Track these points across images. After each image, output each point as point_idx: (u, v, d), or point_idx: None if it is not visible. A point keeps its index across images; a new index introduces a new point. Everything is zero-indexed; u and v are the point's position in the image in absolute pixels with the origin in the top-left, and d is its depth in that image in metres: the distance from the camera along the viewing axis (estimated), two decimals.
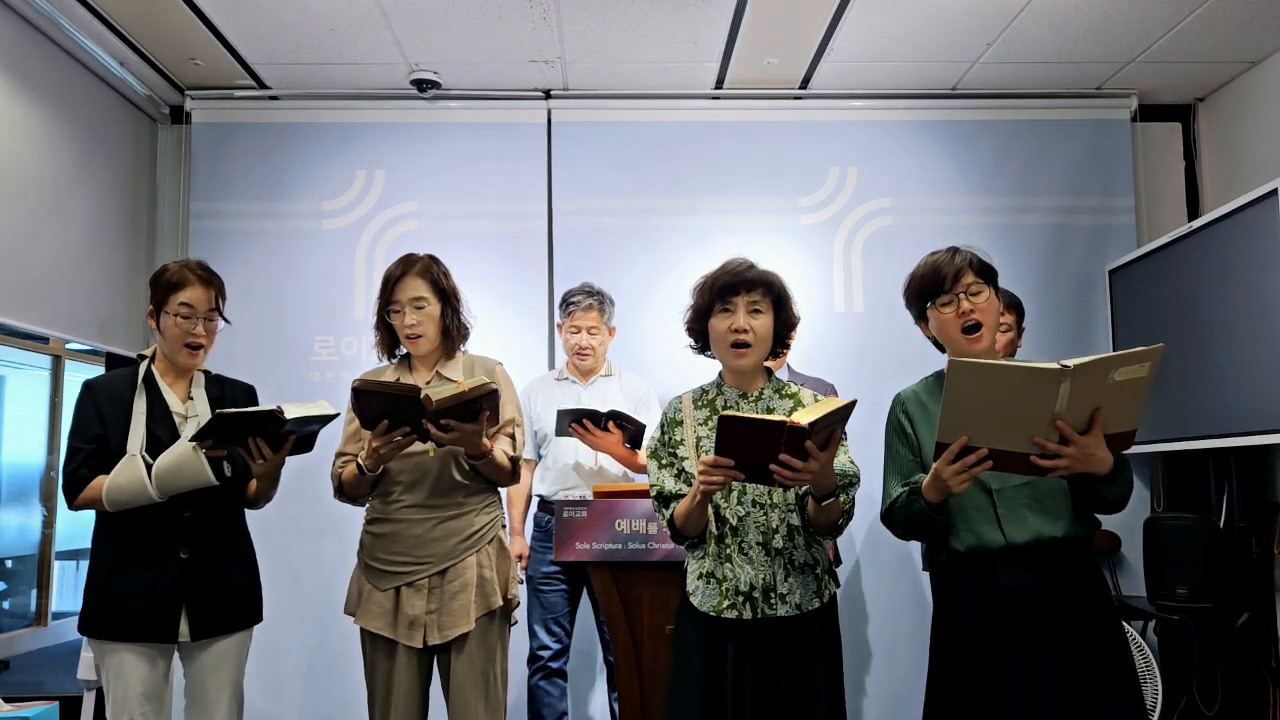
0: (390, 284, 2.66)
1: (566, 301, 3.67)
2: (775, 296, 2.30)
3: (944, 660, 2.15)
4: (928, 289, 2.19)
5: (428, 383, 2.65)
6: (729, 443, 1.98)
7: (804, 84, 4.44)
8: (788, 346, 2.39)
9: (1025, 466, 1.93)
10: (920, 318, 2.26)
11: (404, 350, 2.73)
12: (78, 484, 2.51)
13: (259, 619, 2.69)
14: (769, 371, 2.38)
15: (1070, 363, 1.81)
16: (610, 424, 3.33)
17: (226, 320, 2.67)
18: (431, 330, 2.65)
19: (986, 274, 2.19)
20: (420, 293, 2.64)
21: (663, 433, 2.34)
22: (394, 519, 2.60)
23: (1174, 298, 3.95)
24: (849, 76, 4.35)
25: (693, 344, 2.38)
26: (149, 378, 2.60)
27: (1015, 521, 2.08)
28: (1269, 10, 3.72)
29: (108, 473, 2.48)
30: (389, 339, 2.72)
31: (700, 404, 2.33)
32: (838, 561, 3.48)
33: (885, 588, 4.22)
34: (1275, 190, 3.39)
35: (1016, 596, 2.06)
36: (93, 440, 2.52)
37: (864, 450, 4.01)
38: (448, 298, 2.69)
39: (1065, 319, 4.34)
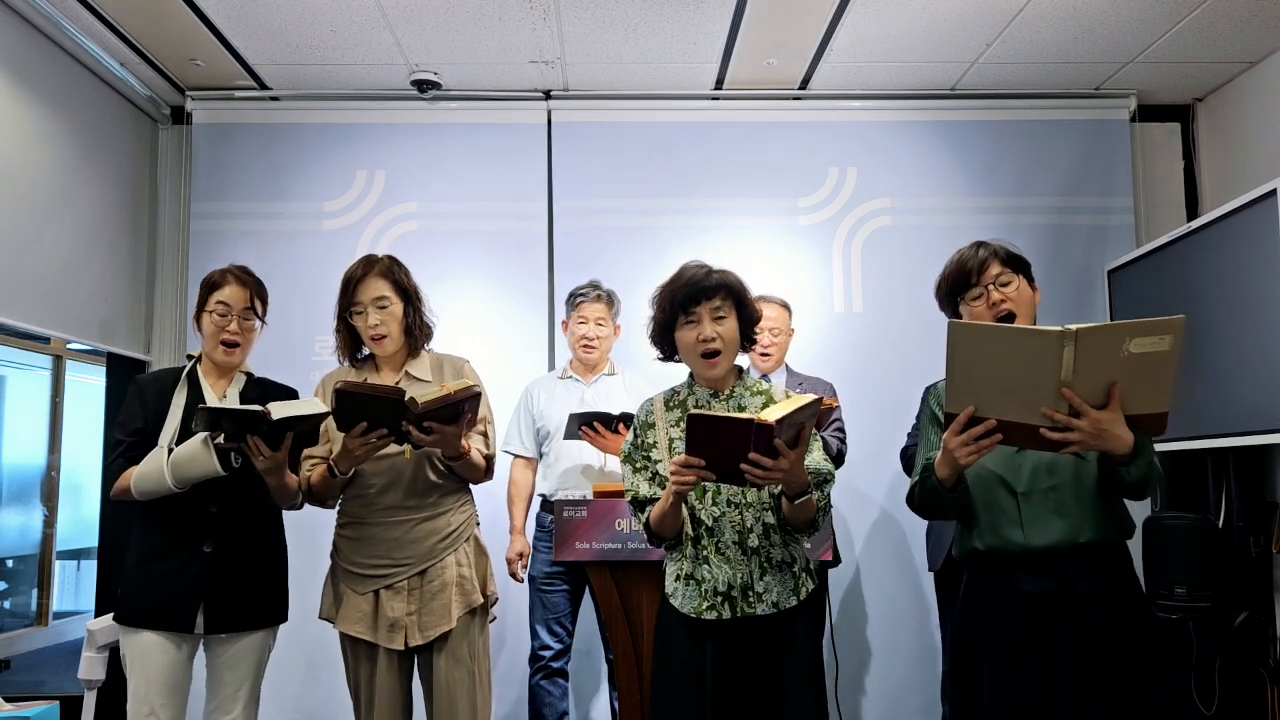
0: (351, 285, 2.65)
1: (573, 295, 3.67)
2: (735, 298, 2.29)
3: (964, 658, 2.13)
4: (957, 284, 2.18)
5: (397, 383, 2.64)
6: (699, 442, 2.00)
7: (804, 84, 4.44)
8: (754, 342, 2.38)
9: (1036, 440, 1.86)
10: (955, 315, 2.22)
11: (367, 352, 2.73)
12: (114, 474, 2.61)
13: (282, 619, 2.72)
14: (740, 370, 2.37)
15: (1074, 326, 1.74)
16: (620, 426, 3.33)
17: (263, 320, 2.74)
18: (395, 330, 2.65)
19: (1015, 264, 2.17)
20: (382, 292, 2.64)
21: (635, 436, 2.34)
22: (369, 522, 2.60)
23: (1173, 298, 3.95)
24: (849, 77, 4.35)
25: (659, 354, 2.37)
26: (192, 375, 2.69)
27: (1038, 525, 2.04)
28: (1268, 10, 3.72)
29: None
30: (350, 341, 2.71)
31: (672, 405, 2.32)
32: (836, 561, 3.48)
33: (885, 588, 4.23)
34: (1274, 190, 3.40)
35: (1036, 602, 2.02)
36: (133, 434, 2.61)
37: (863, 449, 4.05)
38: (410, 297, 2.69)
39: (1064, 319, 4.27)
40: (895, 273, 4.39)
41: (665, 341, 2.33)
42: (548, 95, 4.47)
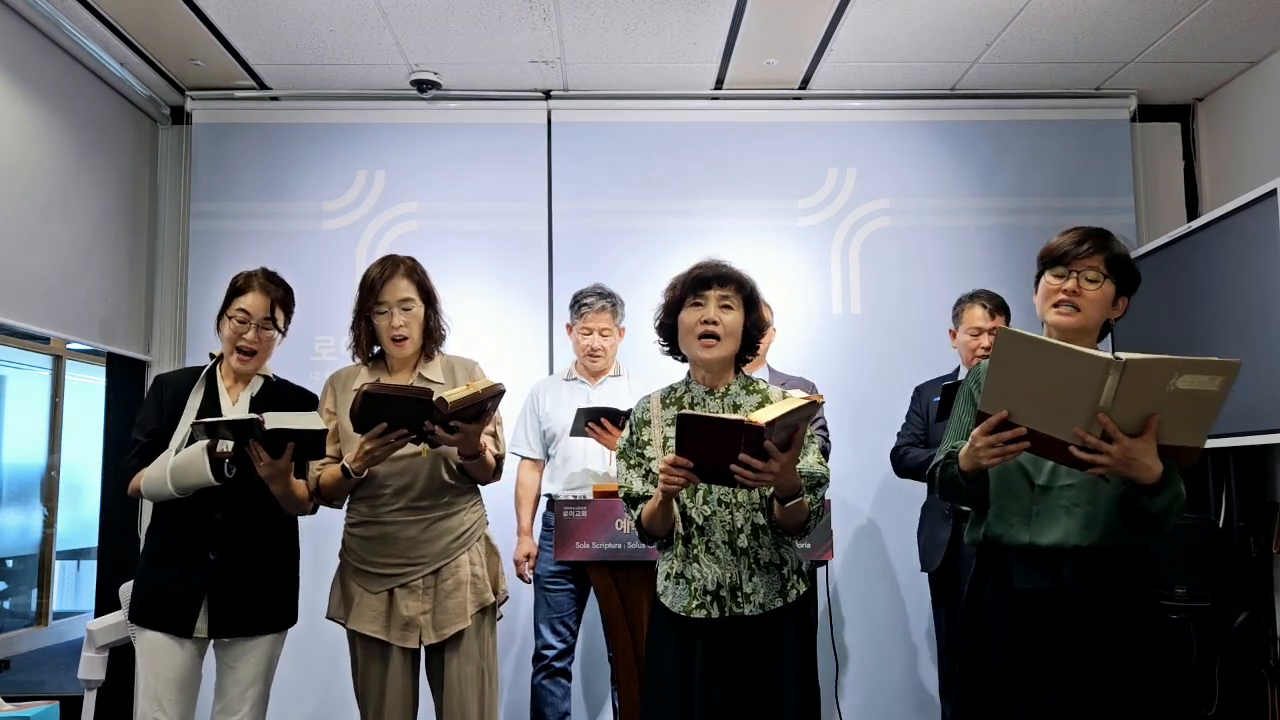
0: (375, 285, 2.64)
1: (578, 302, 3.65)
2: (746, 295, 2.29)
3: (968, 653, 2.10)
4: (1050, 258, 2.10)
5: (409, 384, 2.64)
6: (689, 442, 1.97)
7: (804, 84, 4.44)
8: (756, 350, 2.36)
9: (1063, 456, 1.83)
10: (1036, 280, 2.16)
11: (378, 350, 2.72)
12: (128, 473, 2.64)
13: (291, 623, 2.71)
14: (738, 369, 2.35)
15: (1124, 356, 1.71)
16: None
17: (283, 332, 2.73)
18: (416, 332, 2.65)
19: (1117, 268, 2.06)
20: (408, 294, 2.64)
21: (631, 433, 2.34)
22: (384, 522, 2.60)
23: (1173, 298, 3.95)
24: (848, 76, 4.35)
25: (661, 341, 2.36)
26: (211, 376, 2.70)
27: (1045, 522, 2.00)
28: (1268, 10, 3.72)
29: None
30: (367, 339, 2.70)
31: (668, 403, 2.32)
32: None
33: (871, 590, 4.22)
34: (1274, 190, 3.40)
35: (1036, 600, 1.99)
36: (150, 434, 2.64)
37: (862, 448, 4.05)
38: (431, 299, 2.70)
39: None
40: (894, 274, 4.39)
41: (670, 325, 2.31)
42: (548, 95, 4.47)
